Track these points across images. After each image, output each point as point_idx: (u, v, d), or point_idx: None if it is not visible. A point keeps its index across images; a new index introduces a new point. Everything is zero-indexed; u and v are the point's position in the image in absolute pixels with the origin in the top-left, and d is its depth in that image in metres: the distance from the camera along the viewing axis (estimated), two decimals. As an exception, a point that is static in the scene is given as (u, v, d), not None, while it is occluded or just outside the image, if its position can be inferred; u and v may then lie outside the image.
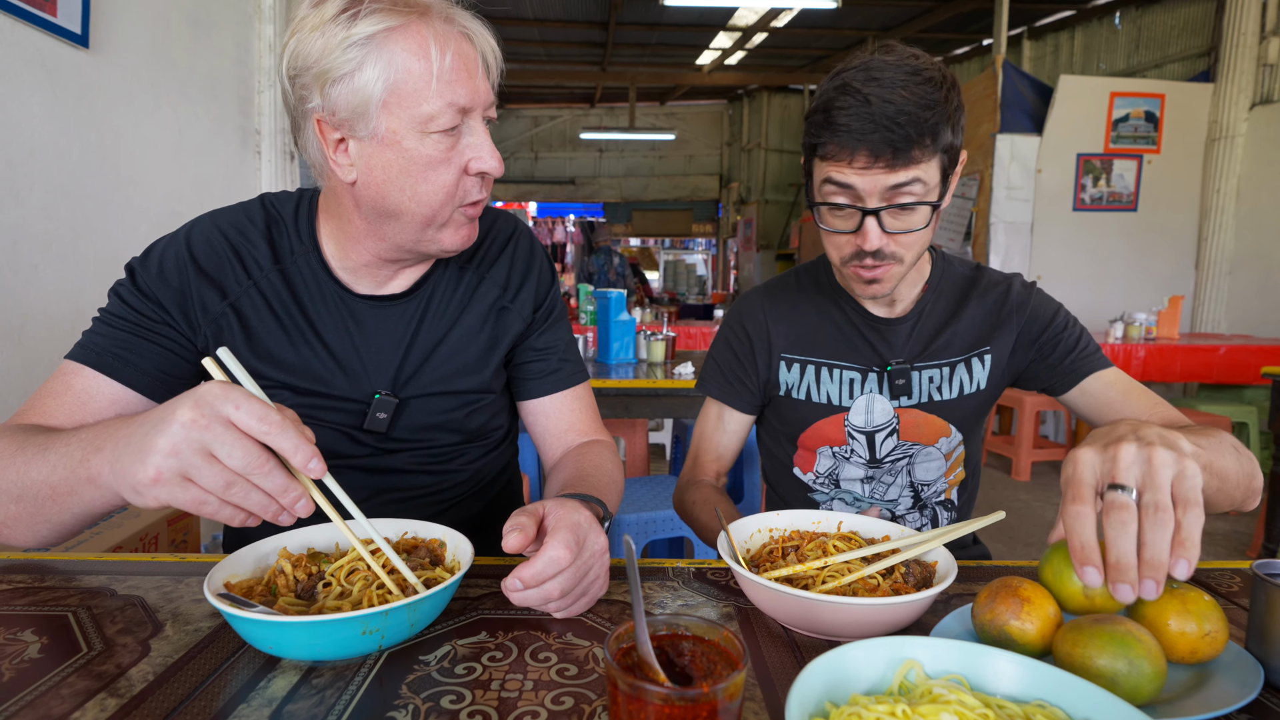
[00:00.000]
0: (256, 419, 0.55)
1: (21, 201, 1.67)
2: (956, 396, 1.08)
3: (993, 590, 0.60)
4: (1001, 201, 5.23)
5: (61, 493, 0.65)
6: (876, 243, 0.93)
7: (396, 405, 0.89)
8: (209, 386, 0.56)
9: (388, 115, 0.75)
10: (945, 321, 1.09)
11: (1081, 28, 6.38)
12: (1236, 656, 0.58)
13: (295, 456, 0.56)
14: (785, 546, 0.77)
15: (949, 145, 0.91)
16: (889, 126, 0.86)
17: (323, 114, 0.76)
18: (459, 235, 0.84)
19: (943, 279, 1.12)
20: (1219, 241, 5.11)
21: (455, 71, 0.76)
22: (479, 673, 0.57)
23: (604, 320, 2.83)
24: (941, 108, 0.88)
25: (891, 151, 0.87)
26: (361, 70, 0.73)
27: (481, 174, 0.81)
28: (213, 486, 0.55)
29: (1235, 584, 0.78)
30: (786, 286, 1.16)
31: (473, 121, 0.79)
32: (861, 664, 0.48)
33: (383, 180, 0.78)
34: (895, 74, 0.88)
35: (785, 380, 1.12)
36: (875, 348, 1.09)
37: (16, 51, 1.64)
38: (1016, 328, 1.09)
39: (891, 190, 0.89)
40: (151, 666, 0.58)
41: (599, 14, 7.35)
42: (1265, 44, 4.84)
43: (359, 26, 0.73)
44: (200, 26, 2.36)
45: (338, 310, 0.88)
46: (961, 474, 1.13)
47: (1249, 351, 4.02)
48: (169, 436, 0.54)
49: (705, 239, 13.07)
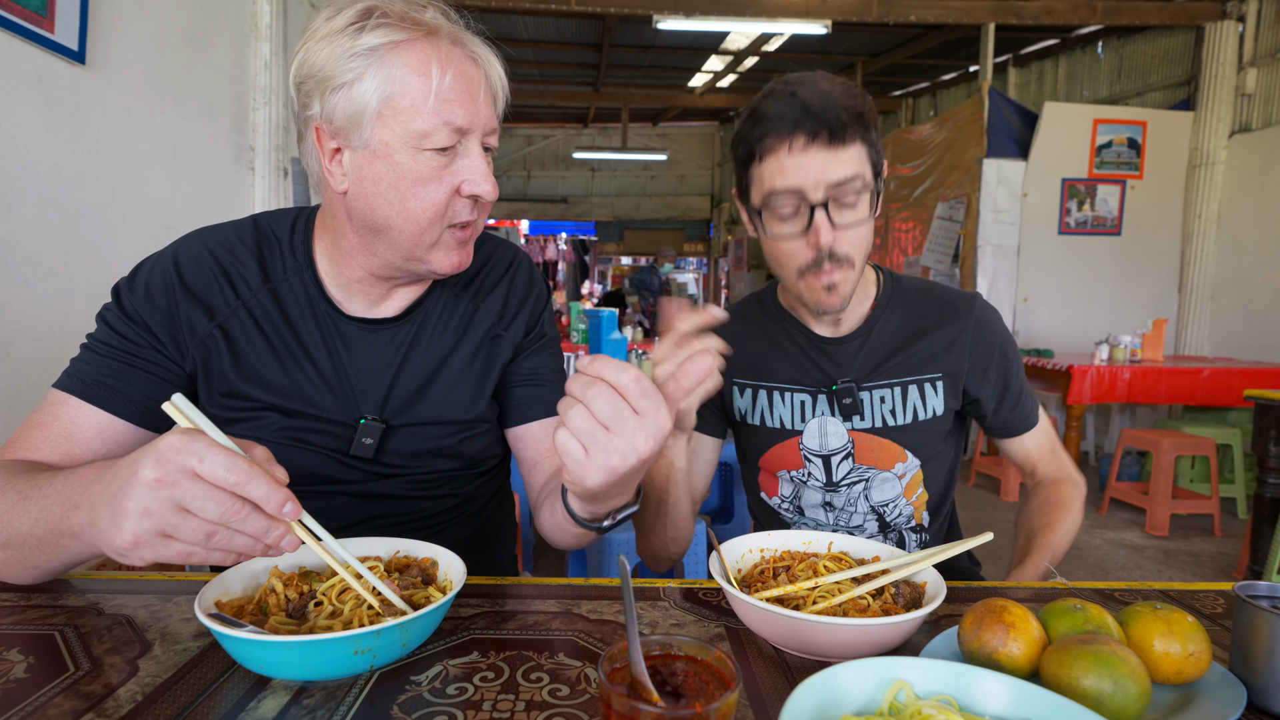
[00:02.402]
0: (224, 470, 0.54)
1: (13, 216, 1.66)
2: (912, 422, 1.06)
3: (977, 615, 0.61)
4: (988, 225, 5.31)
5: (47, 544, 0.65)
6: (829, 236, 0.93)
7: (384, 431, 0.88)
8: (169, 440, 0.54)
9: (382, 127, 0.76)
10: (900, 341, 1.07)
11: (1065, 56, 6.52)
12: (1220, 677, 0.59)
13: (268, 504, 0.55)
14: (776, 567, 0.78)
15: (874, 142, 0.95)
16: (820, 110, 0.90)
17: (321, 122, 0.77)
18: (449, 258, 0.83)
19: (892, 296, 1.10)
20: (1201, 266, 5.20)
21: (455, 92, 0.76)
22: (470, 693, 0.57)
23: (595, 339, 2.84)
24: (862, 101, 0.93)
25: (828, 131, 0.90)
26: (361, 80, 0.74)
27: (474, 197, 0.81)
28: (193, 539, 0.55)
29: (1219, 606, 0.79)
30: (736, 313, 1.17)
31: (470, 144, 0.79)
32: (852, 684, 0.49)
33: (372, 192, 0.78)
34: (814, 79, 0.94)
35: (739, 406, 1.12)
36: (822, 368, 1.08)
37: (13, 67, 1.64)
38: (972, 353, 1.07)
39: (834, 185, 0.92)
40: (140, 686, 0.57)
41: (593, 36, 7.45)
42: (1243, 74, 4.97)
43: (365, 38, 0.74)
44: (197, 44, 2.38)
45: (328, 330, 0.88)
46: (924, 494, 1.11)
47: (1232, 374, 4.08)
48: (136, 499, 0.53)
49: (697, 258, 13.15)
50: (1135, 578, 3.20)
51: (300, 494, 0.87)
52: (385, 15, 0.75)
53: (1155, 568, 3.35)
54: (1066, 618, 0.61)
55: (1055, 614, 0.62)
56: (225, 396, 0.85)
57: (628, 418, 0.59)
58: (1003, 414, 1.11)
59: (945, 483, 1.14)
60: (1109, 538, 3.75)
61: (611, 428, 0.59)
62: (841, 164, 0.92)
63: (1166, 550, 3.58)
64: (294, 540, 0.59)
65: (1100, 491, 4.32)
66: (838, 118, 0.90)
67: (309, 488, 0.88)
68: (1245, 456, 4.13)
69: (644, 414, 0.59)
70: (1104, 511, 4.15)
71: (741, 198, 1.03)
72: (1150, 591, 0.83)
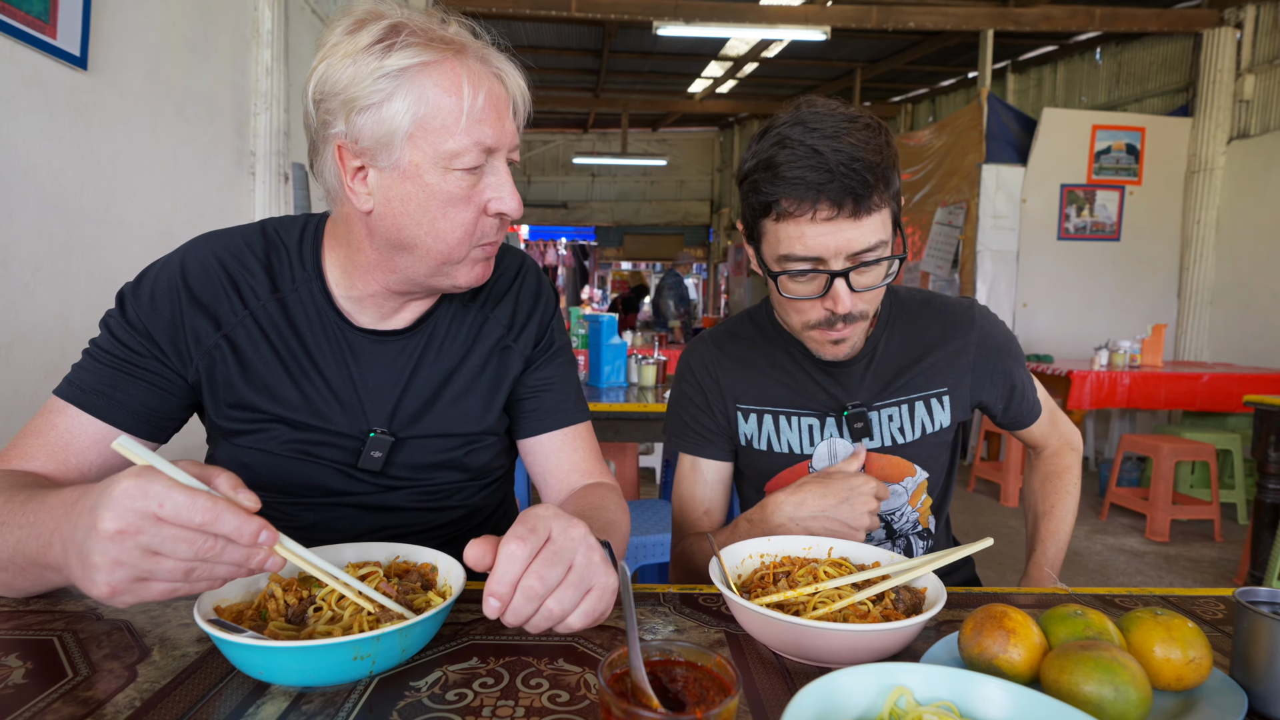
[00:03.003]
0: (187, 511, 0.52)
1: (14, 221, 1.66)
2: (920, 437, 1.06)
3: (978, 621, 0.61)
4: (988, 230, 5.32)
5: (29, 573, 0.65)
6: (848, 305, 0.90)
7: (393, 444, 0.87)
8: (124, 485, 0.52)
9: (412, 148, 0.74)
10: (904, 359, 1.06)
11: (1064, 62, 6.55)
12: (1221, 683, 0.59)
13: (240, 538, 0.54)
14: (776, 572, 0.77)
15: (897, 192, 0.90)
16: (845, 174, 0.83)
17: (345, 140, 0.75)
18: (474, 272, 0.82)
19: (893, 312, 1.08)
20: (1200, 271, 5.21)
21: (485, 111, 0.75)
22: (470, 699, 0.57)
23: (595, 344, 2.84)
24: (886, 152, 0.87)
25: (853, 200, 0.84)
26: (391, 101, 0.73)
27: (500, 214, 0.80)
28: (173, 578, 0.54)
29: (1220, 611, 0.79)
30: (733, 334, 1.14)
31: (496, 162, 0.78)
32: (853, 690, 0.49)
33: (400, 213, 0.77)
34: (832, 122, 0.86)
35: (745, 431, 1.09)
36: (830, 392, 1.06)
37: (14, 72, 1.64)
38: (976, 365, 1.08)
39: (856, 254, 0.88)
40: (138, 692, 0.57)
41: (593, 42, 7.47)
42: (1241, 81, 4.99)
43: (393, 58, 0.72)
44: (198, 50, 2.39)
45: (336, 342, 0.86)
46: (928, 500, 1.11)
47: (1232, 380, 4.09)
48: (102, 553, 0.52)
49: (696, 263, 13.17)
50: (1135, 583, 3.20)
51: (306, 506, 0.88)
52: (413, 34, 0.74)
53: (1155, 573, 3.35)
54: (1067, 623, 0.61)
55: (1056, 619, 0.62)
56: (233, 408, 0.84)
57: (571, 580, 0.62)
58: (1010, 412, 1.14)
59: (945, 483, 1.15)
60: (1109, 543, 3.74)
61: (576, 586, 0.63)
62: (865, 233, 0.87)
63: (1167, 556, 3.58)
64: (278, 560, 0.58)
65: (1100, 497, 4.32)
66: (864, 182, 0.84)
67: (316, 500, 0.88)
68: (1245, 462, 4.12)
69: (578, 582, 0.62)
70: (1104, 517, 4.15)
71: (749, 239, 0.98)
72: (1151, 597, 0.83)
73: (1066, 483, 1.18)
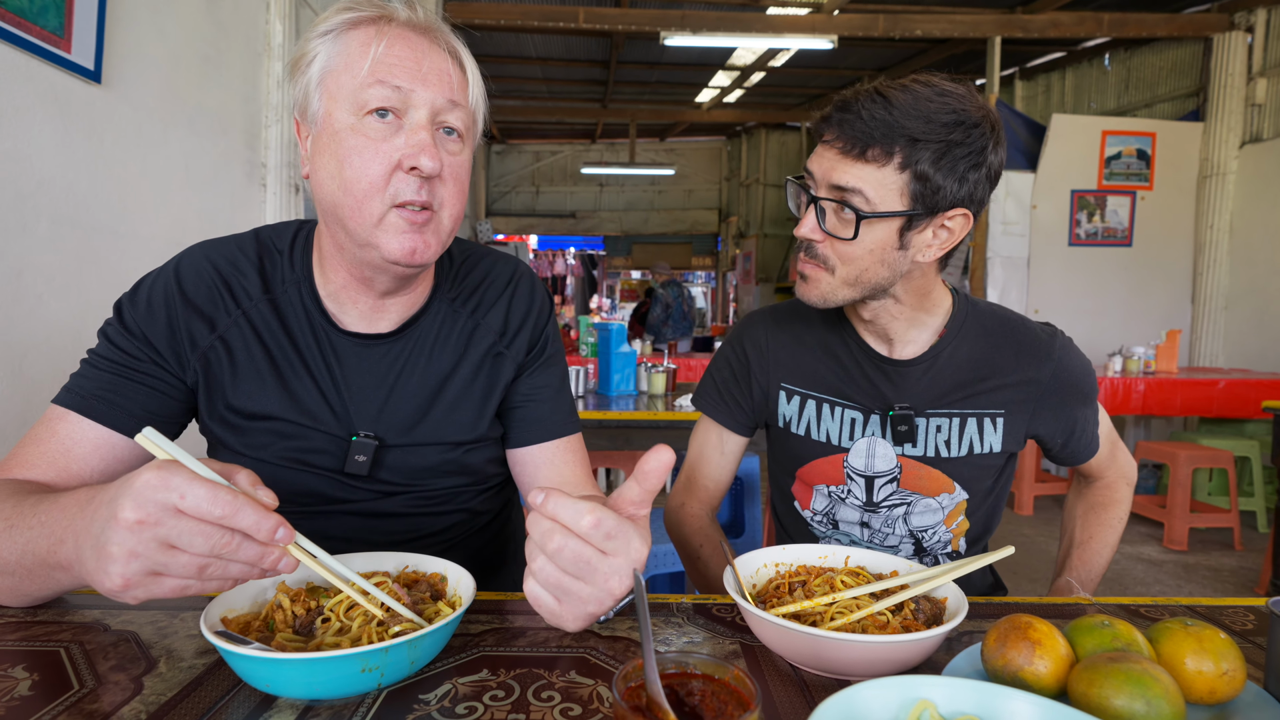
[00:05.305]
0: (208, 503, 0.52)
1: (28, 233, 1.68)
2: (965, 455, 1.02)
3: (1001, 632, 0.59)
4: (998, 236, 5.29)
5: (37, 575, 0.64)
6: (806, 229, 0.92)
7: (379, 448, 0.86)
8: (146, 477, 0.52)
9: (325, 95, 0.76)
10: (968, 372, 1.01)
11: (1072, 69, 6.52)
12: (1256, 696, 0.57)
13: (258, 533, 0.54)
14: (792, 582, 0.76)
15: (924, 175, 0.86)
16: (862, 116, 0.86)
17: (296, 113, 0.79)
18: (400, 242, 0.76)
19: (965, 323, 1.03)
20: (1214, 276, 5.15)
21: (397, 57, 0.74)
22: (480, 712, 0.56)
23: (605, 352, 2.84)
24: (939, 132, 0.84)
25: (848, 139, 0.87)
26: (315, 59, 0.76)
27: (415, 171, 0.74)
28: (186, 574, 0.54)
29: (1250, 622, 0.77)
30: (794, 314, 1.11)
31: (415, 116, 0.75)
32: (874, 704, 0.47)
33: (319, 168, 0.77)
34: (922, 88, 0.88)
35: (784, 412, 1.08)
36: (880, 389, 1.03)
37: (30, 87, 1.66)
38: (1043, 397, 1.02)
39: (835, 188, 0.89)
40: (144, 705, 0.56)
41: (600, 53, 7.51)
42: (1253, 84, 4.95)
43: (326, 24, 0.77)
44: (210, 63, 2.41)
45: (323, 344, 0.86)
46: (965, 523, 1.07)
47: (1248, 385, 4.03)
48: (120, 543, 0.52)
49: (705, 272, 13.17)
50: (1154, 593, 3.14)
51: (302, 513, 0.87)
52: (356, 5, 0.77)
53: (1175, 582, 3.29)
54: (1094, 634, 0.59)
55: (1082, 631, 0.60)
56: (226, 410, 0.84)
57: (596, 563, 0.59)
58: (1067, 449, 1.08)
59: (988, 515, 1.10)
60: (1126, 552, 3.69)
61: (580, 576, 0.59)
62: (852, 176, 0.87)
63: (1186, 564, 3.52)
64: (291, 561, 0.57)
65: (1116, 505, 4.26)
66: (867, 131, 0.86)
67: (311, 507, 0.87)
68: (1264, 469, 4.06)
69: (612, 554, 0.59)
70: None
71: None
72: (1178, 607, 0.81)
73: (1112, 516, 1.12)
